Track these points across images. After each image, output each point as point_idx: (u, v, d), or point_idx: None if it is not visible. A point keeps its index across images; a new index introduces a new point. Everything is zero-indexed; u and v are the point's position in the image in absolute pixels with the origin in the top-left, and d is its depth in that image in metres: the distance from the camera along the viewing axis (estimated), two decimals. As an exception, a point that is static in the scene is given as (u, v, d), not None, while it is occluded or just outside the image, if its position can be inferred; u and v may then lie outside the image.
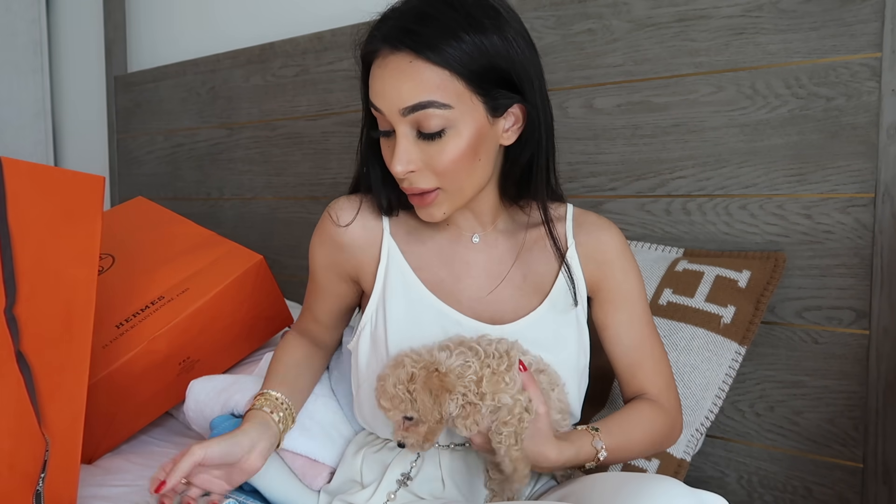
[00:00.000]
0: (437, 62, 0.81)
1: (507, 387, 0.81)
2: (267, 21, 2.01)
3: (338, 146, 1.78)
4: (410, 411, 0.81)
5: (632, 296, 0.98)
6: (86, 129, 2.61)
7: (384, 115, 0.85)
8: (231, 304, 1.37)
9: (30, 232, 1.01)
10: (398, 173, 0.85)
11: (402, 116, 0.83)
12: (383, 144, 0.89)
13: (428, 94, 0.82)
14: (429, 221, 0.91)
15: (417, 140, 0.84)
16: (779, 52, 1.17)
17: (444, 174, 0.85)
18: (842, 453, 1.15)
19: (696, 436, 1.12)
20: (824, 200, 1.15)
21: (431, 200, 0.88)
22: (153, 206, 1.68)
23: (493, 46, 0.83)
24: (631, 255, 1.00)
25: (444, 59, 0.81)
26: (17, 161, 1.02)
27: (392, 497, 0.92)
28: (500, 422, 0.81)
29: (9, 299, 0.97)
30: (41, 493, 0.96)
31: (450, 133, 0.84)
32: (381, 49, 0.84)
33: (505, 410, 0.81)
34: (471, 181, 0.88)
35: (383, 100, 0.84)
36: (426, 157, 0.85)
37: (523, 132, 0.90)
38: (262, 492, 1.04)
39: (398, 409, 0.82)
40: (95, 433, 1.23)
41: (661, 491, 0.71)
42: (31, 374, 0.97)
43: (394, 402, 0.82)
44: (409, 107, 0.82)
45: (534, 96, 0.88)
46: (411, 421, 0.83)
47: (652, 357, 0.98)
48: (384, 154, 0.89)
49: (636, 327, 0.98)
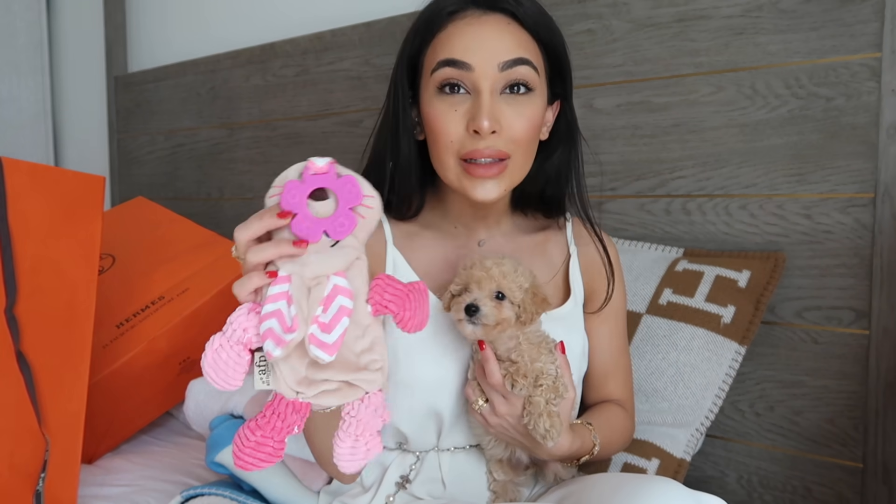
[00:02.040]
0: (530, 29, 0.86)
1: (552, 359, 0.84)
2: (267, 21, 2.01)
3: (338, 146, 1.78)
4: (515, 294, 0.82)
5: (618, 310, 1.02)
6: (86, 129, 2.61)
7: (473, 70, 0.83)
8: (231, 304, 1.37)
9: (30, 232, 1.01)
10: (485, 129, 0.82)
11: (499, 72, 0.83)
12: (445, 110, 0.85)
13: (527, 53, 0.85)
14: (483, 200, 0.86)
15: (499, 100, 0.84)
16: (779, 52, 1.17)
17: (520, 141, 0.85)
18: (841, 453, 1.15)
19: (696, 435, 1.12)
20: (824, 200, 1.15)
21: (500, 171, 0.85)
22: (153, 206, 1.69)
23: (561, 36, 0.89)
24: (622, 270, 1.04)
25: (535, 28, 0.86)
26: (17, 161, 1.02)
27: (391, 500, 0.92)
28: (537, 385, 0.82)
29: (9, 299, 0.98)
30: (41, 493, 0.96)
31: (532, 98, 0.86)
32: (467, 9, 0.85)
33: (547, 377, 0.82)
34: (530, 160, 0.90)
35: (479, 52, 0.83)
36: (506, 118, 0.84)
37: (552, 134, 0.94)
38: (262, 492, 1.04)
39: (503, 283, 0.82)
40: (95, 433, 1.23)
41: (660, 492, 0.71)
42: (31, 374, 0.97)
43: (506, 277, 0.82)
44: (510, 60, 0.83)
45: (571, 98, 0.93)
46: (500, 300, 0.82)
47: (624, 369, 1.03)
48: (446, 120, 0.85)
49: (616, 340, 1.02)
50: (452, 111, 0.84)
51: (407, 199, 0.94)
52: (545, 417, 0.80)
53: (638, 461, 1.09)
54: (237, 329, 0.60)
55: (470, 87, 0.84)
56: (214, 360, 0.59)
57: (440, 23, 0.86)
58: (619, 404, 1.02)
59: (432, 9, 0.88)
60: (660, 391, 1.13)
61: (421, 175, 0.93)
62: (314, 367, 0.60)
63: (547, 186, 0.97)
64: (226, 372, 0.59)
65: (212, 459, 1.07)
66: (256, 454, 0.61)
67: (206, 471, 1.23)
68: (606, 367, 1.01)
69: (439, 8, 0.87)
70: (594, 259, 0.99)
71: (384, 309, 0.64)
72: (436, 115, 0.85)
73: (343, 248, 0.61)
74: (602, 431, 0.93)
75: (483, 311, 0.81)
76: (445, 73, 0.84)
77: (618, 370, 1.02)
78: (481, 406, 0.85)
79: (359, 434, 0.65)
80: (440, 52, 0.85)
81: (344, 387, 0.62)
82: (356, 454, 0.66)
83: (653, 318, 1.17)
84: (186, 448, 1.34)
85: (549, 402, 0.81)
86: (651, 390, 1.13)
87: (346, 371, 0.61)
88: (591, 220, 0.96)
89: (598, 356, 1.01)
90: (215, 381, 0.60)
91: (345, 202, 0.60)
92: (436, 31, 0.87)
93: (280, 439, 0.61)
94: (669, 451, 1.10)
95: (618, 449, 1.02)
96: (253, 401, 1.12)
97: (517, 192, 0.98)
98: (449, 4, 0.86)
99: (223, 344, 0.59)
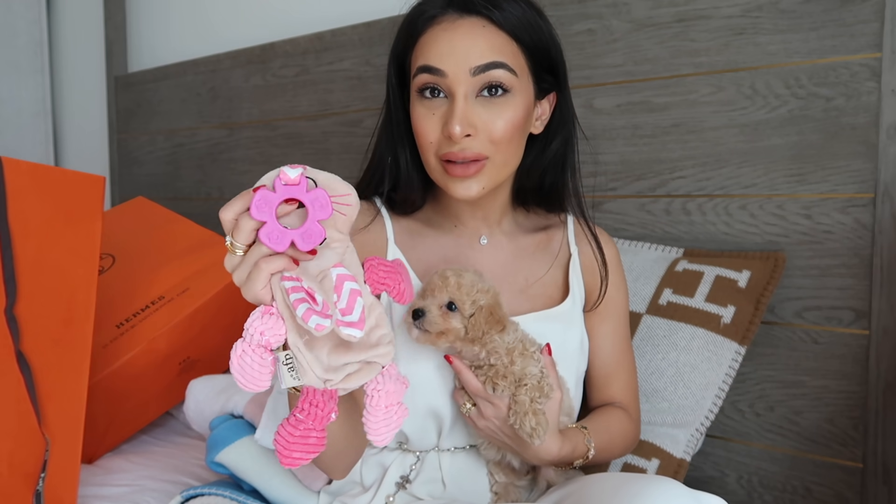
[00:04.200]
0: (508, 31, 0.85)
1: (535, 361, 0.84)
2: (267, 21, 2.01)
3: (338, 146, 1.78)
4: (466, 307, 0.83)
5: (619, 309, 1.02)
6: (86, 129, 2.61)
7: (446, 76, 0.84)
8: (231, 304, 1.37)
9: (30, 232, 1.01)
10: (456, 134, 0.83)
11: (472, 76, 0.84)
12: (424, 114, 0.87)
13: (501, 56, 0.84)
14: (463, 198, 0.88)
15: (475, 104, 0.85)
16: (779, 52, 1.17)
17: (499, 141, 0.86)
18: (841, 453, 1.15)
19: (696, 436, 1.12)
20: (824, 200, 1.15)
21: (477, 171, 0.86)
22: (153, 206, 1.69)
23: (548, 29, 0.89)
24: (623, 270, 1.04)
25: (513, 30, 0.85)
26: (17, 161, 1.02)
27: (391, 500, 0.92)
28: (521, 385, 0.83)
29: (9, 299, 0.98)
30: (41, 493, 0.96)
31: (510, 99, 0.86)
32: (444, 14, 0.86)
33: (531, 377, 0.83)
34: (513, 158, 0.90)
35: (451, 58, 0.84)
36: (482, 121, 0.85)
37: (548, 125, 0.94)
38: (262, 492, 1.04)
39: (456, 294, 0.83)
40: (95, 433, 1.23)
41: (660, 492, 0.71)
42: (31, 374, 0.97)
43: (461, 289, 0.83)
44: (481, 65, 0.83)
45: (566, 88, 0.93)
46: (450, 311, 0.83)
47: (627, 370, 1.03)
48: (425, 123, 0.87)
49: (618, 340, 1.02)
50: (431, 115, 0.86)
51: (409, 198, 0.95)
52: (530, 416, 0.81)
53: (638, 461, 1.09)
54: (254, 333, 0.62)
55: (446, 91, 0.85)
56: (241, 366, 0.63)
57: (420, 27, 0.88)
58: (622, 407, 1.01)
59: (415, 12, 0.89)
60: (660, 391, 1.13)
61: (422, 173, 0.93)
62: (335, 354, 0.64)
63: (545, 178, 0.97)
64: (252, 375, 0.62)
65: (212, 459, 1.07)
66: (304, 447, 0.64)
67: (206, 471, 1.23)
68: (608, 368, 1.01)
69: (420, 11, 0.88)
70: (595, 259, 1.00)
71: (381, 286, 0.69)
72: (417, 118, 0.88)
73: (331, 245, 0.65)
74: (599, 436, 0.92)
75: (427, 318, 0.83)
76: (423, 78, 0.86)
77: (620, 371, 1.02)
78: (469, 409, 0.87)
79: (388, 405, 0.69)
80: (419, 58, 0.87)
81: (364, 366, 0.65)
82: (390, 423, 0.69)
83: (653, 318, 1.17)
84: (186, 448, 1.34)
85: (533, 400, 0.82)
86: (651, 390, 1.13)
87: (363, 351, 0.65)
88: (584, 214, 0.97)
89: (599, 356, 1.01)
90: (245, 384, 0.63)
91: (313, 215, 0.62)
92: (416, 36, 0.88)
93: (321, 428, 0.65)
94: (669, 451, 1.10)
95: (619, 454, 1.01)
96: (253, 401, 1.12)
97: (516, 188, 0.98)
98: (429, 8, 0.87)
99: (245, 349, 0.62)
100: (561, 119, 0.94)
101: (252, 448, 1.06)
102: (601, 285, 0.98)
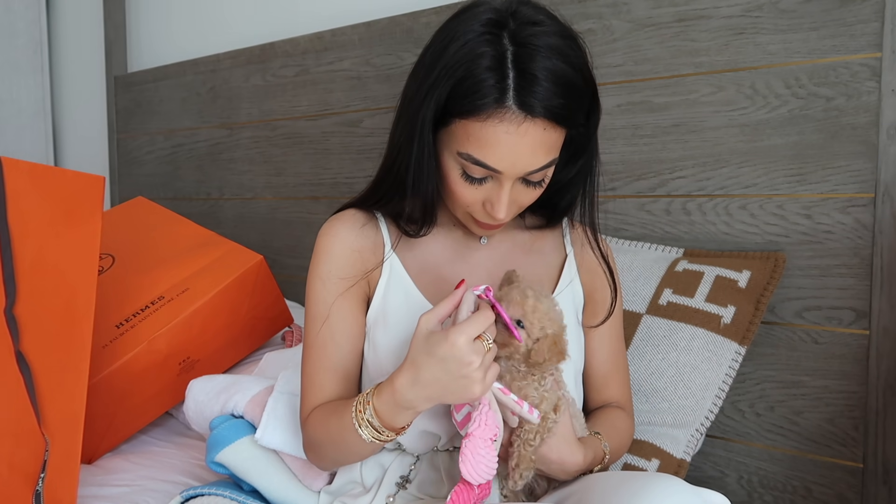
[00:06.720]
0: (565, 125, 0.82)
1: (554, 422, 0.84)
2: (267, 21, 2.01)
3: (338, 146, 1.78)
4: (534, 330, 0.80)
5: (615, 310, 1.01)
6: (86, 129, 2.61)
7: (501, 173, 0.81)
8: (231, 304, 1.37)
9: (29, 232, 1.01)
10: (500, 219, 0.85)
11: (527, 175, 0.82)
12: (466, 185, 0.84)
13: (552, 155, 0.83)
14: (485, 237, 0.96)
15: (517, 184, 0.84)
16: (779, 52, 1.17)
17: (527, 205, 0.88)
18: (842, 453, 1.15)
19: (696, 436, 1.12)
20: (824, 200, 1.15)
21: (502, 226, 0.90)
22: (153, 206, 1.69)
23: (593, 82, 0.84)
24: (616, 268, 1.04)
25: (570, 120, 0.81)
26: (17, 161, 1.02)
27: (391, 500, 0.92)
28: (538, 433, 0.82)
29: (9, 299, 0.98)
30: (41, 494, 0.96)
31: (548, 173, 0.86)
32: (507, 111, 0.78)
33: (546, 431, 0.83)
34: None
35: (509, 162, 0.80)
36: (520, 198, 0.86)
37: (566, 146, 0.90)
38: (263, 492, 1.04)
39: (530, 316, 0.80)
40: (95, 433, 1.23)
41: (663, 488, 0.71)
42: (31, 374, 0.97)
43: (536, 312, 0.80)
44: (537, 169, 0.82)
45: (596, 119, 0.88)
46: (519, 327, 0.80)
47: (622, 370, 1.03)
48: (465, 192, 0.85)
49: (614, 340, 1.02)
50: (473, 188, 0.84)
51: (417, 222, 0.92)
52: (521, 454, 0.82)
53: (638, 461, 1.09)
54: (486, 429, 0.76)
55: (494, 177, 0.83)
56: (476, 462, 0.76)
57: (478, 107, 0.78)
58: (619, 406, 1.02)
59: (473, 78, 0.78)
60: (660, 391, 1.13)
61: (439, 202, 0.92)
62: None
63: (554, 194, 0.95)
64: (486, 467, 0.77)
65: (212, 459, 1.07)
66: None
67: (206, 471, 1.23)
68: (606, 369, 1.01)
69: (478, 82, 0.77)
70: (592, 260, 0.99)
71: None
72: (453, 182, 0.85)
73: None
74: (611, 440, 0.94)
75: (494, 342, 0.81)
76: (475, 169, 0.82)
77: (617, 371, 1.02)
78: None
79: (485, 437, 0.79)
80: (471, 147, 0.80)
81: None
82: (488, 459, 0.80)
83: (653, 318, 1.17)
84: (186, 448, 1.34)
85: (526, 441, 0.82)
86: (651, 390, 1.13)
87: None
88: (595, 234, 0.95)
89: (597, 357, 1.01)
90: (476, 479, 0.77)
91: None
92: (469, 112, 0.79)
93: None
94: (669, 451, 1.10)
95: (624, 452, 1.02)
96: (253, 401, 1.12)
97: None
98: (489, 89, 0.77)
99: (478, 445, 0.76)
100: (582, 142, 0.89)
101: (252, 448, 1.06)
102: (612, 301, 0.99)
